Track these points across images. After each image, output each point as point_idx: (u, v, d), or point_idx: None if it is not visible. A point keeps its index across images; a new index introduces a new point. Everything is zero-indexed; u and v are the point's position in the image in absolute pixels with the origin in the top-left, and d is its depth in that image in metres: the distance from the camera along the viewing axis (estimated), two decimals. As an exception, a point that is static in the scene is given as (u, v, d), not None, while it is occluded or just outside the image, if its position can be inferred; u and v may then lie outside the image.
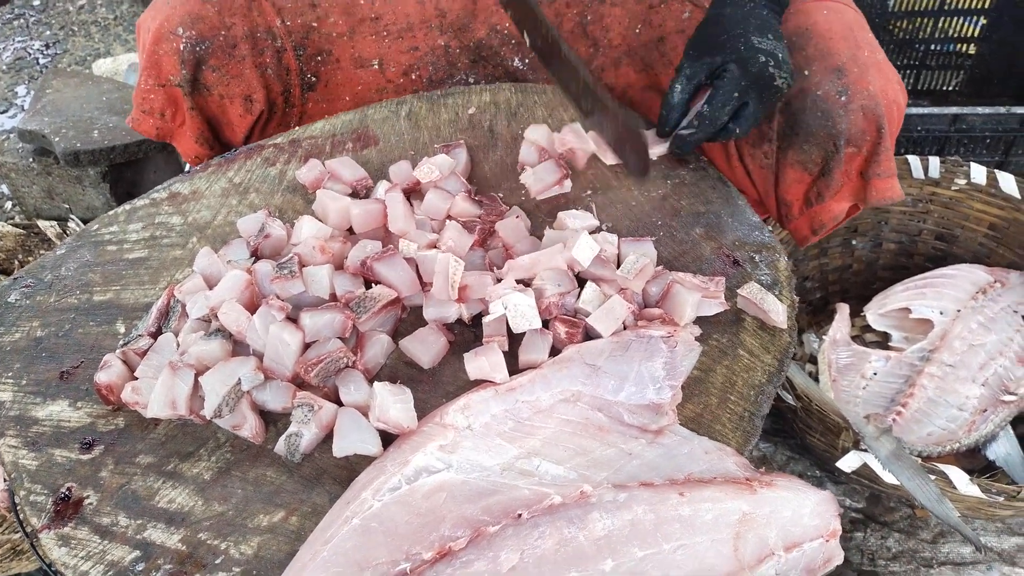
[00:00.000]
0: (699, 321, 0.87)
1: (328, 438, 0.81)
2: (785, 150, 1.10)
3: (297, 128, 1.15)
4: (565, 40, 1.24)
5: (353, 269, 0.92)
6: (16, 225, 1.55)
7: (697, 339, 0.85)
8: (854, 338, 1.51)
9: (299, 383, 0.84)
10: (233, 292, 0.89)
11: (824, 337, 1.47)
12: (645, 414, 0.80)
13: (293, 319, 0.87)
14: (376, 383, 0.81)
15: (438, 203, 0.98)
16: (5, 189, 2.03)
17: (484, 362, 0.82)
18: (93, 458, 0.83)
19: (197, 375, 0.83)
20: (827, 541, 0.74)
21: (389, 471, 0.75)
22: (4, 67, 2.76)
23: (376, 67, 1.26)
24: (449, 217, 0.98)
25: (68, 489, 0.81)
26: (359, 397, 0.82)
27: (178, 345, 0.87)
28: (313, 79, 1.26)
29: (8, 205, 2.00)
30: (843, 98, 1.05)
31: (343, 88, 1.27)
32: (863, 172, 1.09)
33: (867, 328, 1.55)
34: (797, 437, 1.44)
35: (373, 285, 0.90)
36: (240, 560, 0.74)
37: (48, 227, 1.55)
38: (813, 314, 1.68)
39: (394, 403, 0.79)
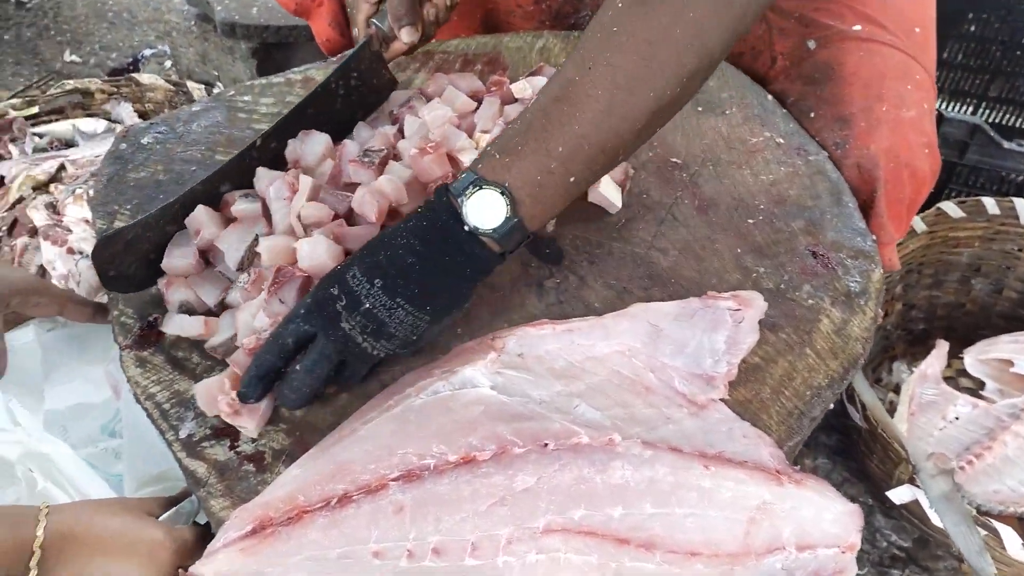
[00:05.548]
0: (775, 315, 0.86)
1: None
2: None
3: (434, 41, 1.18)
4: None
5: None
6: (168, 81, 1.67)
7: (768, 329, 0.84)
8: (947, 379, 1.45)
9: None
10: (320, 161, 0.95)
11: (914, 369, 1.42)
12: (696, 383, 0.80)
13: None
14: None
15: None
16: (167, 48, 2.17)
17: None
18: (181, 300, 0.90)
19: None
20: (843, 552, 0.73)
21: (436, 375, 0.79)
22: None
23: None
24: None
25: (155, 319, 0.88)
26: None
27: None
28: None
29: (168, 64, 2.15)
30: (839, 151, 0.99)
31: (477, 6, 1.28)
32: None
33: (962, 373, 1.48)
34: (858, 460, 1.40)
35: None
36: (288, 419, 0.80)
37: (195, 88, 1.66)
38: (910, 344, 1.62)
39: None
